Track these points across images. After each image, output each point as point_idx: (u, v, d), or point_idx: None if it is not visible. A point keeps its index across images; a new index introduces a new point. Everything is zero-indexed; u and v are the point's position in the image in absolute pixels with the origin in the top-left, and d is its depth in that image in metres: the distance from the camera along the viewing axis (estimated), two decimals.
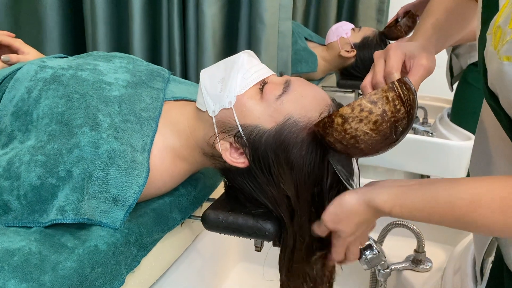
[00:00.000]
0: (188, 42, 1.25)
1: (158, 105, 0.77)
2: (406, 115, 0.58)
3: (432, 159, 1.48)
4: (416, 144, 1.48)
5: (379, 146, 0.60)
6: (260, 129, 0.66)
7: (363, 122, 0.57)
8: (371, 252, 0.88)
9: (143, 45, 1.24)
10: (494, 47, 0.49)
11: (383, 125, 0.57)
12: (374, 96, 0.57)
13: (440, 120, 1.67)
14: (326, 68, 1.70)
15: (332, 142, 0.60)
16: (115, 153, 0.64)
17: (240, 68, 0.68)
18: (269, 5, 1.15)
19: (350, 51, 1.63)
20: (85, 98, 0.70)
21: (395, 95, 0.57)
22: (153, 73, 0.84)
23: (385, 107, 0.57)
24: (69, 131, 0.65)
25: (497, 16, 0.50)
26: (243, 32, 1.20)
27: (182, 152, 0.73)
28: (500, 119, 0.53)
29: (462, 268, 0.75)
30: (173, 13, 1.20)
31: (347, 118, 0.58)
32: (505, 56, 0.46)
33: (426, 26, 0.76)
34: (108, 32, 1.25)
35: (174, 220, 0.75)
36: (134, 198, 0.64)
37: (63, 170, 0.62)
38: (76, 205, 0.60)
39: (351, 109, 0.57)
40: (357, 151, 0.60)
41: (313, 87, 0.69)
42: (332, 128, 0.59)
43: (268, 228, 0.67)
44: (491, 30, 0.50)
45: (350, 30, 1.66)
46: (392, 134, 0.58)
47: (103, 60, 0.81)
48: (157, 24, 1.26)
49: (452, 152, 1.43)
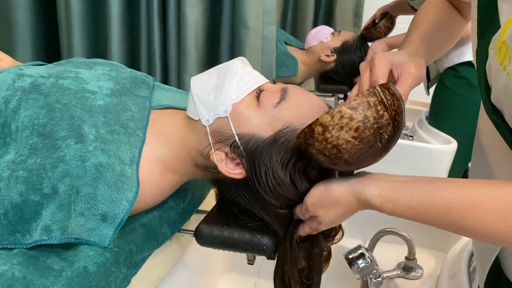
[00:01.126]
0: (168, 46, 1.21)
1: (145, 114, 0.73)
2: (391, 121, 0.54)
3: (413, 162, 1.49)
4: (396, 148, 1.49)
5: (364, 156, 0.55)
6: (258, 138, 0.63)
7: (344, 129, 0.53)
8: (364, 261, 0.87)
9: (122, 49, 1.19)
10: (500, 63, 0.48)
11: (365, 132, 0.53)
12: (354, 102, 0.53)
13: (418, 123, 1.69)
14: (306, 73, 1.69)
15: (314, 154, 0.57)
16: (103, 167, 0.60)
17: (234, 76, 0.66)
18: (253, 9, 1.13)
19: (330, 56, 1.63)
20: (68, 108, 0.65)
21: (377, 100, 0.53)
22: (138, 80, 0.80)
23: (367, 112, 0.53)
24: (52, 144, 0.61)
25: (502, 32, 0.48)
26: (226, 36, 1.17)
27: (172, 163, 0.70)
28: (503, 134, 0.52)
29: (457, 276, 0.75)
30: (153, 16, 1.16)
31: (327, 126, 0.54)
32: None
33: (413, 37, 0.74)
34: (85, 36, 1.20)
35: (164, 235, 0.72)
36: (124, 214, 0.61)
37: (48, 186, 0.57)
38: (62, 224, 0.56)
39: (331, 116, 0.54)
40: (341, 162, 0.56)
41: (309, 95, 0.67)
42: (313, 138, 0.55)
43: (265, 242, 0.64)
44: (494, 45, 0.49)
45: (329, 34, 1.65)
46: (376, 142, 0.54)
47: (85, 67, 0.77)
48: (136, 28, 1.21)
49: (433, 156, 1.44)
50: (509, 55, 0.46)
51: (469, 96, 1.47)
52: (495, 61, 0.48)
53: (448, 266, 0.80)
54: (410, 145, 1.49)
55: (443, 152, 1.41)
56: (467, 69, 1.46)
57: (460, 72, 1.47)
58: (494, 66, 0.48)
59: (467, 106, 1.49)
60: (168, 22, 1.19)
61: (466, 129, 1.48)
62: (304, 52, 1.69)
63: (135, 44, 1.23)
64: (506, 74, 0.46)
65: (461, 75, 1.48)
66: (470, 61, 1.44)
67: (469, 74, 1.46)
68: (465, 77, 1.46)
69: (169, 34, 1.20)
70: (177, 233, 0.76)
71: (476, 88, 1.44)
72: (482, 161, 0.65)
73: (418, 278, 0.91)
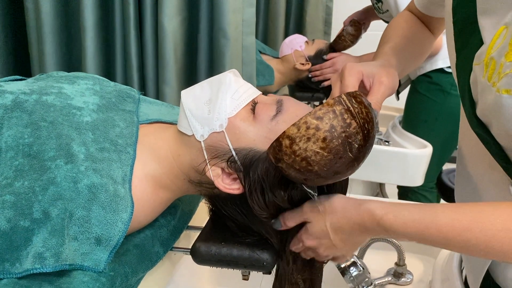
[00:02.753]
0: (145, 57, 1.18)
1: (134, 129, 0.71)
2: (360, 130, 0.53)
3: (389, 167, 1.51)
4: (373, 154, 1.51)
5: (336, 167, 0.54)
6: (255, 151, 0.62)
7: (311, 140, 0.52)
8: (356, 269, 0.87)
9: (97, 62, 1.16)
10: (488, 79, 0.48)
11: (333, 142, 0.52)
12: (319, 112, 0.52)
13: (392, 128, 1.72)
14: (281, 81, 1.70)
15: (285, 168, 0.55)
16: (96, 188, 0.58)
17: (228, 89, 0.64)
18: (232, 19, 1.12)
19: (305, 64, 1.64)
20: (54, 126, 0.62)
21: (343, 109, 0.53)
22: (123, 94, 0.78)
23: (333, 122, 0.52)
24: (40, 165, 0.57)
25: (488, 48, 0.49)
26: (206, 46, 1.16)
27: (164, 180, 0.68)
28: (489, 147, 0.53)
29: (450, 279, 0.76)
30: (129, 27, 1.13)
31: (294, 138, 0.53)
32: (504, 89, 0.46)
33: (385, 49, 0.74)
34: (57, 48, 1.15)
35: (157, 255, 0.69)
36: (119, 236, 0.58)
37: (38, 210, 0.54)
38: (56, 250, 0.53)
39: (297, 128, 0.52)
40: (312, 175, 0.54)
41: (304, 106, 0.66)
42: (281, 152, 0.54)
43: (265, 258, 0.63)
44: (480, 60, 0.50)
45: (303, 43, 1.67)
46: (346, 151, 0.53)
47: (67, 82, 0.74)
48: (111, 39, 1.18)
49: (409, 160, 1.47)
50: (498, 71, 0.47)
51: (442, 101, 1.51)
52: (483, 77, 0.49)
53: (440, 270, 0.81)
54: (386, 150, 1.51)
55: (420, 156, 1.44)
56: (439, 75, 1.50)
57: (433, 78, 1.51)
58: (482, 81, 0.49)
59: (440, 111, 1.53)
60: (144, 33, 1.16)
61: (439, 134, 1.53)
62: (278, 60, 1.70)
63: (111, 56, 1.19)
64: (495, 90, 0.47)
65: (434, 81, 1.51)
66: (442, 68, 1.48)
67: (442, 80, 1.50)
68: (438, 83, 1.50)
69: (146, 45, 1.17)
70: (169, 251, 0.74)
71: (448, 94, 1.48)
72: (465, 174, 0.66)
73: (408, 283, 0.92)
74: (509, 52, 0.45)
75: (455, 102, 1.48)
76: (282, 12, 2.08)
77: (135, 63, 1.16)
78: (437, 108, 1.52)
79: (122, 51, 1.17)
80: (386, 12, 1.48)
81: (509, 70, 0.45)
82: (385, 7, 1.46)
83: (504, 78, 0.45)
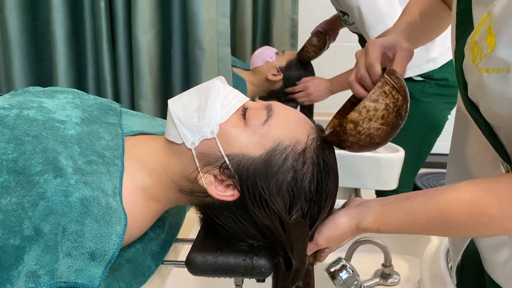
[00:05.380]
0: (119, 71, 1.16)
1: (120, 141, 0.69)
2: (404, 100, 0.65)
3: (364, 172, 1.54)
4: (346, 159, 1.54)
5: (391, 135, 0.65)
6: (248, 157, 0.61)
7: (372, 120, 0.62)
8: (346, 272, 0.88)
9: (68, 77, 1.13)
10: (472, 61, 0.54)
11: (390, 116, 0.63)
12: (373, 95, 0.62)
13: None
14: (254, 92, 1.71)
15: (349, 146, 0.65)
16: (88, 201, 0.56)
17: (217, 95, 0.64)
18: (207, 31, 1.12)
19: (277, 75, 1.66)
20: (39, 141, 0.60)
21: (390, 87, 0.63)
22: (104, 107, 0.76)
23: (386, 100, 0.62)
24: (28, 181, 0.55)
25: (474, 33, 0.54)
26: (181, 58, 1.15)
27: (155, 191, 0.66)
28: (481, 127, 0.58)
29: (439, 276, 0.78)
30: (102, 41, 1.11)
31: (357, 122, 0.62)
32: (484, 68, 0.51)
33: (401, 23, 0.82)
34: (26, 64, 1.12)
35: (149, 269, 0.67)
36: (114, 250, 0.56)
37: (29, 227, 0.51)
38: (51, 268, 0.50)
39: (358, 113, 0.62)
40: (373, 146, 0.65)
41: (294, 110, 0.67)
42: (346, 134, 0.63)
43: (263, 264, 0.62)
44: (468, 45, 0.55)
45: (274, 54, 1.69)
46: (398, 121, 0.64)
47: (46, 96, 0.71)
48: (82, 53, 1.15)
49: (382, 165, 1.50)
50: (480, 53, 0.52)
51: (414, 109, 1.54)
52: (469, 60, 0.55)
53: (428, 267, 0.83)
54: (360, 155, 1.54)
55: (392, 160, 1.48)
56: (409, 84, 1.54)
57: None
58: (469, 64, 0.55)
59: (412, 119, 1.56)
60: (117, 46, 1.14)
61: (413, 140, 1.56)
62: (250, 72, 1.71)
63: (83, 71, 1.17)
64: (477, 70, 0.52)
65: None
66: (411, 77, 1.51)
67: (411, 88, 1.53)
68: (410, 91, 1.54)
69: (119, 58, 1.15)
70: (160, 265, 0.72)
71: (419, 101, 1.52)
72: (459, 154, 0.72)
73: (396, 284, 0.93)
74: (487, 36, 0.51)
75: (426, 109, 1.52)
76: (248, 25, 2.10)
77: (109, 77, 1.14)
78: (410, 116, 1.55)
79: (95, 65, 1.15)
80: (353, 24, 1.52)
81: (486, 51, 0.51)
82: (351, 19, 1.50)
83: (484, 58, 0.51)
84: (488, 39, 0.50)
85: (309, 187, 0.62)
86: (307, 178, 0.62)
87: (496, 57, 0.49)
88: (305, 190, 0.62)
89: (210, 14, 1.11)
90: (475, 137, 0.66)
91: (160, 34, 1.14)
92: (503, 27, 0.48)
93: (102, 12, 1.08)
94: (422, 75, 1.51)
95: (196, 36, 1.11)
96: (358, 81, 0.73)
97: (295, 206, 0.62)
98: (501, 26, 0.48)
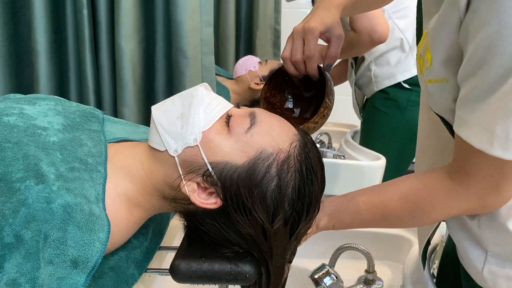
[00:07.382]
0: (102, 79, 1.15)
1: (102, 148, 0.69)
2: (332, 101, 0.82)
3: (346, 180, 1.56)
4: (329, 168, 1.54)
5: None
6: (231, 165, 0.62)
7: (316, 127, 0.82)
8: (330, 278, 0.88)
9: (51, 85, 1.11)
10: (420, 71, 0.62)
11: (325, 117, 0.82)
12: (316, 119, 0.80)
13: (345, 143, 1.77)
14: (237, 101, 1.72)
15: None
16: (71, 208, 0.55)
17: (200, 102, 0.64)
18: (191, 39, 1.12)
19: (259, 84, 1.67)
20: (20, 147, 0.59)
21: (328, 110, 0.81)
22: (87, 114, 0.75)
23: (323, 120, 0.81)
24: (8, 187, 0.54)
25: (418, 47, 0.61)
26: (165, 67, 1.15)
27: (138, 198, 0.66)
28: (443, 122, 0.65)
29: (421, 280, 0.79)
30: (84, 49, 1.11)
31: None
32: (427, 79, 0.59)
33: None
34: (5, 72, 1.10)
35: (133, 277, 0.67)
36: (97, 257, 0.55)
37: (9, 234, 0.51)
38: (32, 276, 0.49)
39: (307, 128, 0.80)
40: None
41: (278, 117, 0.67)
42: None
43: (247, 270, 0.62)
44: (416, 57, 0.63)
45: (257, 63, 1.70)
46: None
47: (27, 103, 0.71)
48: (65, 61, 1.14)
49: (365, 172, 1.52)
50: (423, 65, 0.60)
51: (399, 117, 1.56)
52: (418, 70, 0.63)
53: (410, 273, 0.84)
54: (342, 163, 1.55)
55: (374, 167, 1.50)
56: (396, 91, 1.55)
57: (390, 94, 1.55)
58: (419, 74, 0.63)
59: (397, 127, 1.58)
60: (100, 54, 1.14)
61: (396, 148, 1.58)
62: (233, 81, 1.72)
63: (65, 78, 1.15)
64: (423, 80, 0.60)
65: (391, 97, 1.56)
66: (399, 83, 1.53)
67: (399, 96, 1.55)
68: (394, 99, 1.55)
69: (102, 66, 1.15)
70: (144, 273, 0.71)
71: (405, 109, 1.55)
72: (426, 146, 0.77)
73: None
74: (427, 52, 0.58)
75: (411, 117, 1.54)
76: (232, 35, 2.11)
77: (91, 85, 1.13)
78: (395, 123, 1.57)
79: (77, 72, 1.14)
80: None
81: (427, 65, 0.58)
82: None
83: (425, 71, 0.59)
84: (428, 55, 0.57)
85: (292, 195, 0.63)
86: (290, 187, 0.62)
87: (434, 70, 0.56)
88: (288, 199, 0.62)
89: (194, 22, 1.11)
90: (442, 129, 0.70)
91: (143, 42, 1.14)
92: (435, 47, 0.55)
93: (85, 19, 1.07)
94: (409, 81, 1.53)
95: (180, 44, 1.11)
96: (293, 63, 0.80)
97: (278, 215, 0.62)
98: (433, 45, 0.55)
